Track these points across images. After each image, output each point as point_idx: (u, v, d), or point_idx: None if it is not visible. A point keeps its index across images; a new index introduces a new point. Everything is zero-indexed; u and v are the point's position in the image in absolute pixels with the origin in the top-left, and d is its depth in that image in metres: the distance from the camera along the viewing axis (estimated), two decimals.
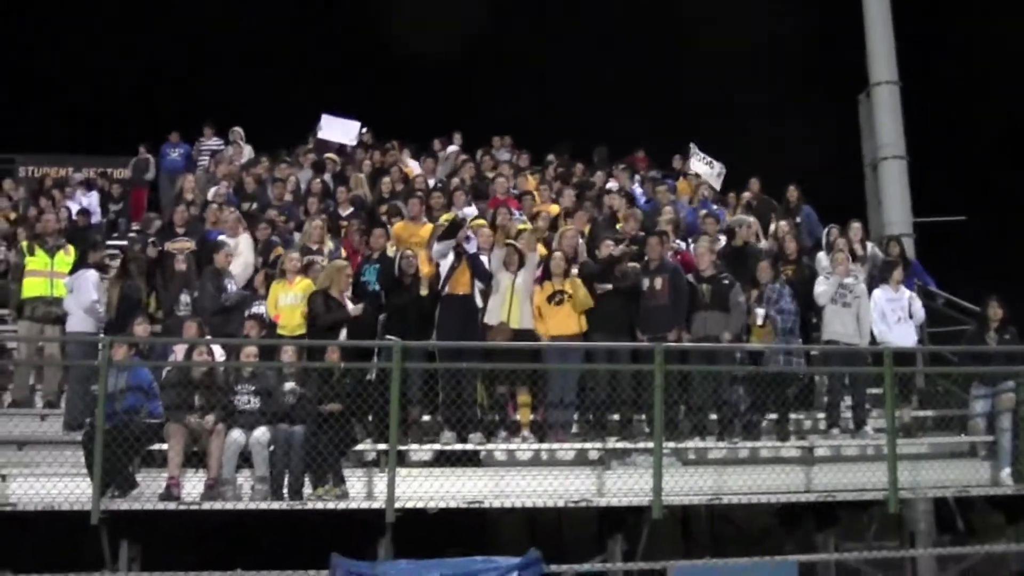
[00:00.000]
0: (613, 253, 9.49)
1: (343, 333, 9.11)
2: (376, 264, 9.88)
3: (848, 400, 9.47)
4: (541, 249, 10.08)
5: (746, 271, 10.05)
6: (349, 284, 9.37)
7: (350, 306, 9.24)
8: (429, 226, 10.46)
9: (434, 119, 16.51)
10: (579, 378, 8.93)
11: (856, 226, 10.91)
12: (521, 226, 10.44)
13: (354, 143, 15.07)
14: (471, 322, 9.20)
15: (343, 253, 10.45)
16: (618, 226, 10.94)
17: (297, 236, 11.13)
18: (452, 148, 15.41)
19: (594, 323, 9.24)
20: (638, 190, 13.49)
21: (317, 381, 8.35)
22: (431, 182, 13.52)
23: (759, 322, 9.36)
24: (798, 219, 12.00)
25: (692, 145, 13.87)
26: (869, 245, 11.03)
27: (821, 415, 9.50)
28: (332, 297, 9.18)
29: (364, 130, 15.79)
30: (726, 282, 9.48)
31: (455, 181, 13.07)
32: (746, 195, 12.89)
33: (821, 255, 10.66)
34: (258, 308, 9.68)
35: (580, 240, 10.09)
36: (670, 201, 12.14)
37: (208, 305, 9.52)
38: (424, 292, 9.25)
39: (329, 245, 10.62)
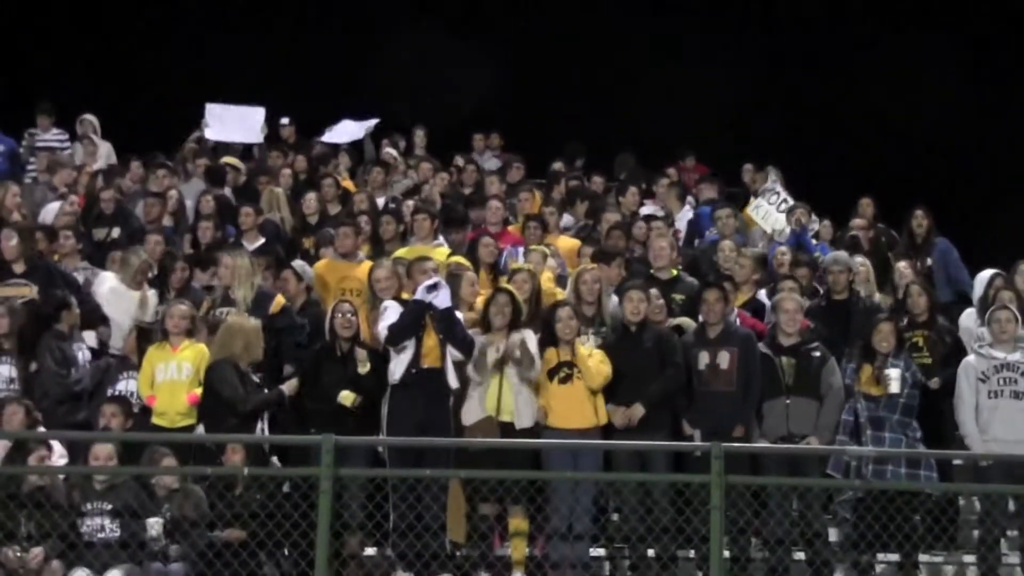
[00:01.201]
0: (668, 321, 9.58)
1: (260, 425, 9.20)
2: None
3: (1015, 535, 9.35)
4: (554, 292, 10.17)
5: (847, 337, 10.06)
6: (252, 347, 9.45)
7: (290, 383, 9.43)
8: (366, 266, 10.55)
9: (389, 110, 16.68)
10: (597, 494, 8.96)
11: None
12: (517, 265, 10.56)
13: (259, 141, 15.21)
14: (440, 410, 9.18)
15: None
16: (656, 270, 10.99)
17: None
18: (389, 151, 15.63)
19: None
20: (687, 215, 13.56)
21: (208, 496, 8.32)
22: (380, 201, 13.63)
23: (894, 388, 9.26)
24: (929, 260, 12.01)
25: (772, 172, 14.00)
26: None
27: (969, 558, 9.41)
28: (243, 371, 9.29)
29: (284, 122, 16.00)
30: (817, 354, 9.48)
31: (416, 201, 13.14)
32: (857, 223, 12.83)
33: (968, 315, 10.52)
34: (124, 385, 9.64)
35: (605, 286, 10.15)
36: (734, 233, 12.27)
37: (51, 389, 9.56)
38: (364, 369, 9.28)
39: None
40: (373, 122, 15.57)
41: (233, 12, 20.12)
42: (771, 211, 12.92)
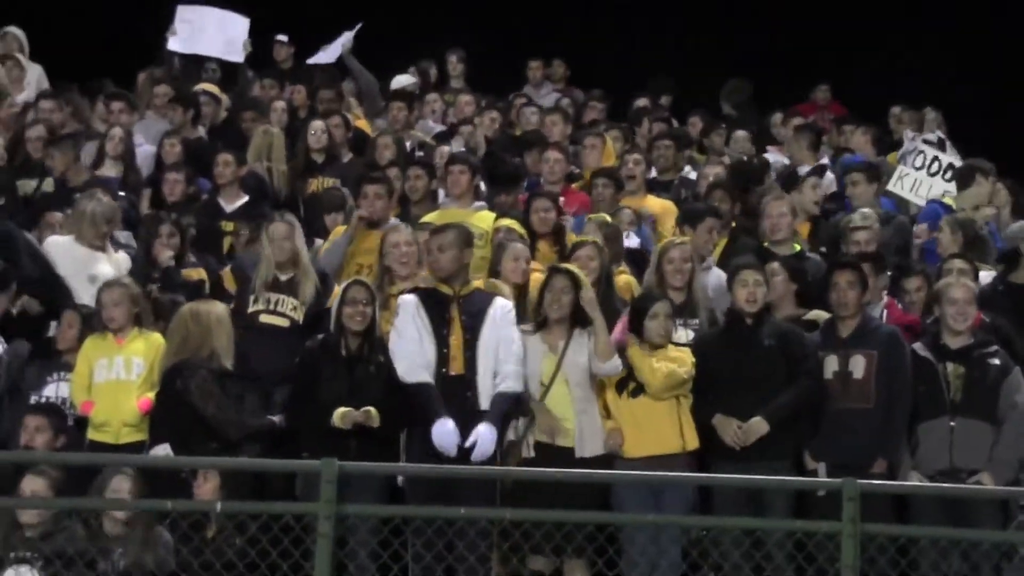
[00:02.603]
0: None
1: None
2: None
3: None
4: (627, 281, 10.21)
5: None
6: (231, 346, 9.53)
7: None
8: (405, 234, 10.55)
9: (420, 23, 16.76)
10: (687, 544, 9.04)
11: None
12: (580, 237, 10.64)
13: (240, 59, 15.32)
14: (471, 427, 9.16)
15: (227, 282, 10.67)
16: (773, 242, 11.00)
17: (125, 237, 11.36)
18: (411, 79, 15.69)
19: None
20: (828, 176, 13.49)
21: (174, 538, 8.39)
22: (408, 146, 13.68)
23: None
24: None
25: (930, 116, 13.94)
26: None
27: None
28: (228, 372, 9.39)
29: (282, 39, 16.14)
30: (996, 361, 9.44)
31: (451, 148, 13.16)
32: None
33: None
34: (53, 390, 9.71)
35: (703, 266, 10.24)
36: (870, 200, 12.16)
37: None
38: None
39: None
40: (349, 34, 15.66)
41: None
42: (921, 179, 12.86)
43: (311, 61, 16.07)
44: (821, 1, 18.67)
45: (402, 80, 16.05)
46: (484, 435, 8.99)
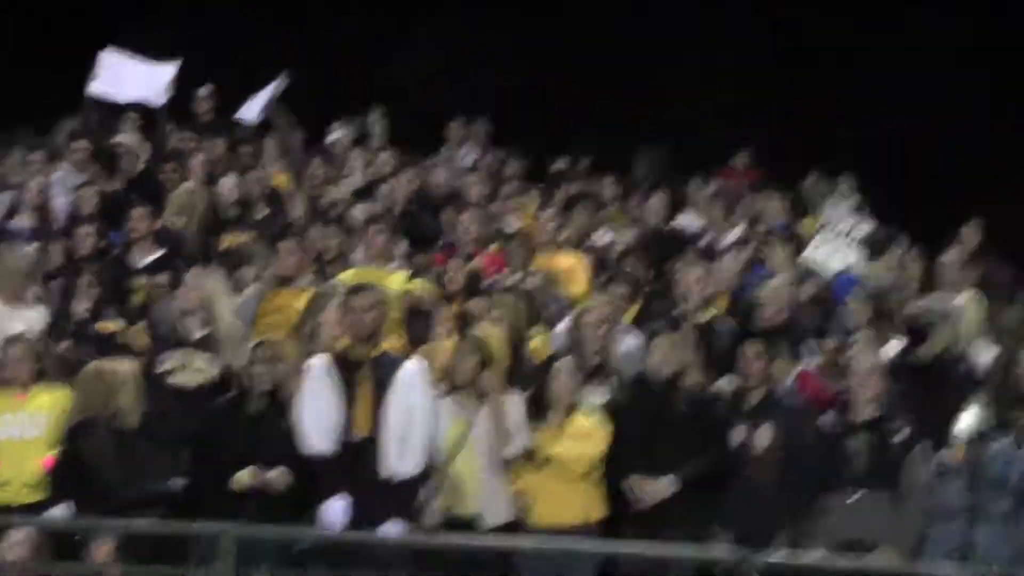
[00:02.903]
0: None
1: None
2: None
3: None
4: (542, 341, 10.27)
5: (941, 408, 10.04)
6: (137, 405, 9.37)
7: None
8: (307, 294, 10.61)
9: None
10: None
11: None
12: (496, 298, 10.65)
13: (162, 101, 15.22)
14: (374, 493, 9.06)
15: (142, 340, 10.57)
16: (685, 310, 10.98)
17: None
18: (336, 135, 15.67)
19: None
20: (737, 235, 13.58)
21: None
22: (324, 203, 13.65)
23: (964, 428, 9.43)
24: None
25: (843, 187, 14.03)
26: None
27: None
28: (133, 432, 9.22)
29: (203, 93, 16.06)
30: (901, 434, 9.44)
31: (371, 206, 13.11)
32: (951, 256, 12.85)
33: None
34: None
35: (614, 331, 10.22)
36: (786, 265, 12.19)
37: None
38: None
39: None
40: (273, 86, 15.63)
41: None
42: (837, 247, 12.92)
43: (237, 116, 15.96)
44: (740, 68, 18.80)
45: (337, 134, 15.97)
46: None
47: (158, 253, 12.28)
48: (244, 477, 9.04)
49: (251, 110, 15.72)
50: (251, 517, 8.72)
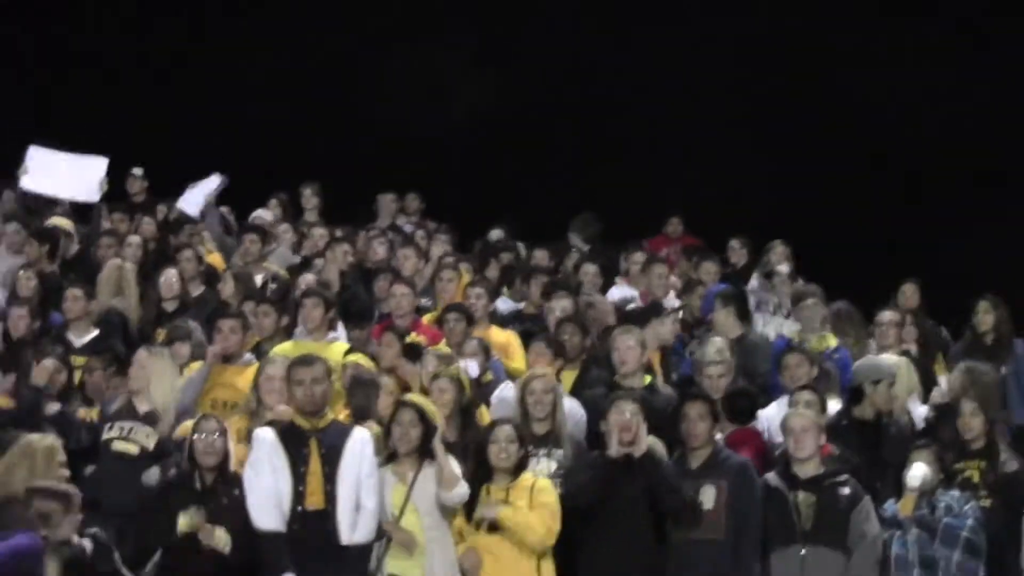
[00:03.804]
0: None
1: None
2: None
3: None
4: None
5: (882, 467, 10.20)
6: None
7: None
8: (251, 369, 10.56)
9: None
10: None
11: None
12: (438, 369, 10.54)
13: (95, 199, 15.15)
14: (328, 562, 9.05)
15: (83, 414, 10.58)
16: (622, 375, 11.02)
17: None
18: (259, 213, 15.64)
19: (583, 566, 9.31)
20: (673, 301, 13.66)
21: None
22: (258, 279, 13.61)
23: (914, 483, 9.49)
24: (1003, 369, 12.09)
25: (776, 252, 14.14)
26: None
27: None
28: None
29: (136, 173, 16.00)
30: (846, 491, 9.51)
31: (305, 280, 13.13)
32: (886, 317, 12.91)
33: None
34: None
35: (560, 397, 10.19)
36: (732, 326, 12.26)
37: None
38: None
39: None
40: (215, 182, 15.52)
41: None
42: (767, 320, 13.08)
43: (177, 206, 15.85)
44: (668, 134, 18.96)
45: (262, 215, 15.97)
46: None
47: (94, 333, 12.19)
48: (191, 518, 8.95)
49: (189, 203, 15.61)
50: None
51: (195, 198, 15.47)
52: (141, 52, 20.36)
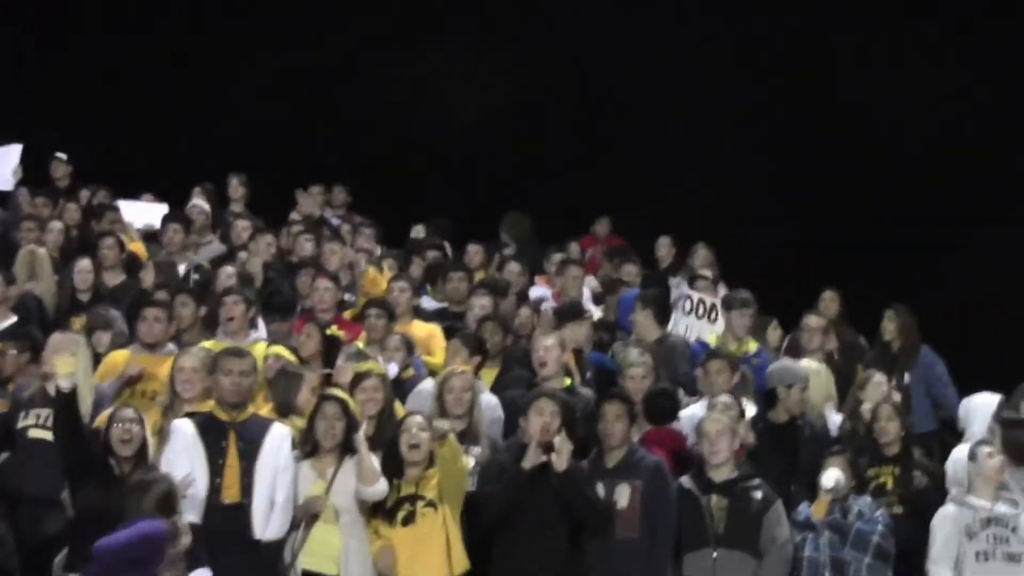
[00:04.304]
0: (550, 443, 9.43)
1: None
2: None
3: None
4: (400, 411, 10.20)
5: (795, 469, 10.30)
6: None
7: None
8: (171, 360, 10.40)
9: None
10: None
11: None
12: (364, 366, 10.50)
13: (10, 188, 15.05)
14: (241, 557, 8.99)
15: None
16: (543, 377, 11.02)
17: None
18: (196, 203, 15.60)
19: (498, 564, 9.32)
20: (590, 305, 13.73)
21: None
22: (181, 268, 13.55)
23: (828, 485, 9.57)
24: (907, 377, 12.29)
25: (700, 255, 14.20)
26: None
27: None
28: None
29: (60, 157, 15.87)
30: (758, 495, 9.58)
31: (226, 272, 13.09)
32: (812, 322, 12.96)
33: (959, 453, 10.20)
34: None
35: (478, 395, 10.22)
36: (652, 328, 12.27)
37: None
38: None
39: None
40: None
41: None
42: (690, 323, 13.11)
43: None
44: (668, 134, 18.98)
45: (200, 205, 15.85)
46: None
47: (12, 319, 12.07)
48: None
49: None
50: None
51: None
52: (141, 52, 20.18)
